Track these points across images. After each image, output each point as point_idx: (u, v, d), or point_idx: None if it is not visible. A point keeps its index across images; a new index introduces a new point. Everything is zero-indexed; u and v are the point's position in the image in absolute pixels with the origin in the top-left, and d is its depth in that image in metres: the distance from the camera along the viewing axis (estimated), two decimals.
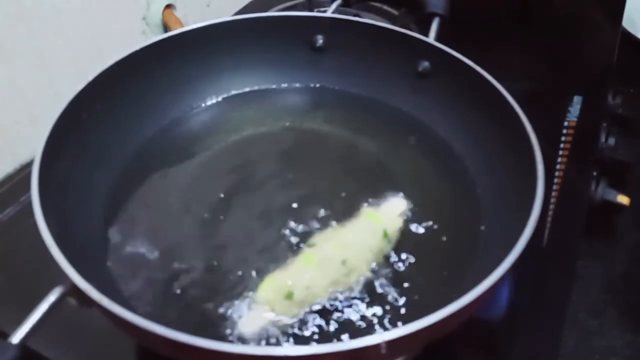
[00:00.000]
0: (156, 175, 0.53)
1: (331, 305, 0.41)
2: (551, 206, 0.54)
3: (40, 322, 0.34)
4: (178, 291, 0.43)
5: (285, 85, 0.63)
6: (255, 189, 0.51)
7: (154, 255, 0.45)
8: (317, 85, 0.63)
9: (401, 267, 0.44)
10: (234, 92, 0.61)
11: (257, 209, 0.49)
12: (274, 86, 0.62)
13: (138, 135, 0.55)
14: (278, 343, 0.39)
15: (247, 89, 0.62)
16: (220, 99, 0.61)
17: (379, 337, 0.31)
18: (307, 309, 0.41)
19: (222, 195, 0.50)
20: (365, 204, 0.49)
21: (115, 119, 0.52)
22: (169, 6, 0.78)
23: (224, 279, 0.43)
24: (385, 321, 0.41)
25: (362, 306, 0.42)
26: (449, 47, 0.54)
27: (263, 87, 0.62)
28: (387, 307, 0.42)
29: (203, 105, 0.60)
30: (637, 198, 0.57)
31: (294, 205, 0.49)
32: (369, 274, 0.43)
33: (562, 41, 0.80)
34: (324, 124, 0.59)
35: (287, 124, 0.59)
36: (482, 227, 0.47)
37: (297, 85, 0.63)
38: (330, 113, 0.60)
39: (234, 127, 0.58)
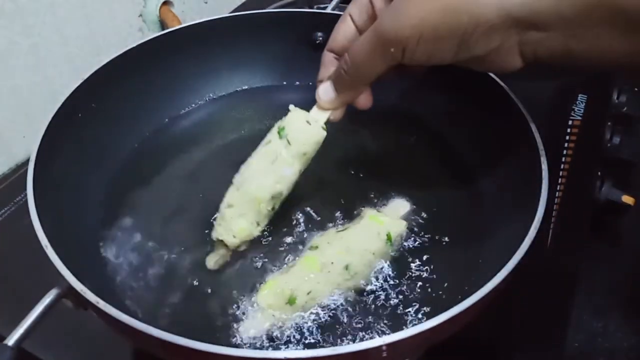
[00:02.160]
0: (154, 174, 0.52)
1: (332, 308, 0.41)
2: (555, 206, 0.53)
3: (35, 324, 0.34)
4: (176, 293, 0.42)
5: (285, 83, 0.62)
6: None
7: (151, 256, 0.45)
8: None
9: (404, 269, 0.44)
10: (232, 90, 0.61)
11: None
12: (273, 84, 0.62)
13: (135, 134, 0.54)
14: (279, 346, 0.39)
15: (245, 87, 0.61)
16: (218, 97, 0.60)
17: (379, 340, 0.31)
18: (309, 313, 0.40)
19: (220, 196, 0.50)
20: (368, 206, 0.48)
21: (112, 117, 0.52)
22: (166, 3, 0.77)
23: (223, 282, 0.43)
24: (387, 324, 0.40)
25: (363, 309, 0.41)
26: None
27: (262, 85, 0.62)
28: (389, 310, 0.41)
29: (201, 103, 0.60)
30: None
31: (295, 206, 0.48)
32: (371, 278, 0.43)
33: None
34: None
35: None
36: (486, 228, 0.46)
37: (297, 83, 0.62)
38: None
39: (232, 125, 0.58)
